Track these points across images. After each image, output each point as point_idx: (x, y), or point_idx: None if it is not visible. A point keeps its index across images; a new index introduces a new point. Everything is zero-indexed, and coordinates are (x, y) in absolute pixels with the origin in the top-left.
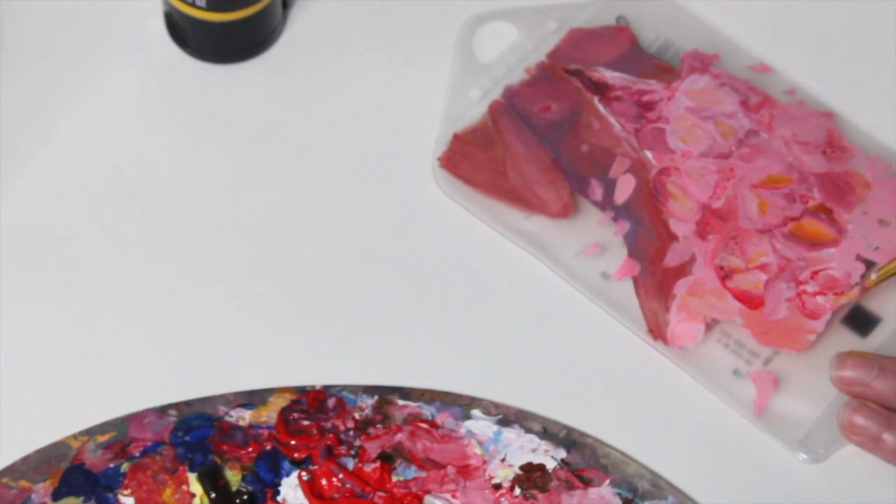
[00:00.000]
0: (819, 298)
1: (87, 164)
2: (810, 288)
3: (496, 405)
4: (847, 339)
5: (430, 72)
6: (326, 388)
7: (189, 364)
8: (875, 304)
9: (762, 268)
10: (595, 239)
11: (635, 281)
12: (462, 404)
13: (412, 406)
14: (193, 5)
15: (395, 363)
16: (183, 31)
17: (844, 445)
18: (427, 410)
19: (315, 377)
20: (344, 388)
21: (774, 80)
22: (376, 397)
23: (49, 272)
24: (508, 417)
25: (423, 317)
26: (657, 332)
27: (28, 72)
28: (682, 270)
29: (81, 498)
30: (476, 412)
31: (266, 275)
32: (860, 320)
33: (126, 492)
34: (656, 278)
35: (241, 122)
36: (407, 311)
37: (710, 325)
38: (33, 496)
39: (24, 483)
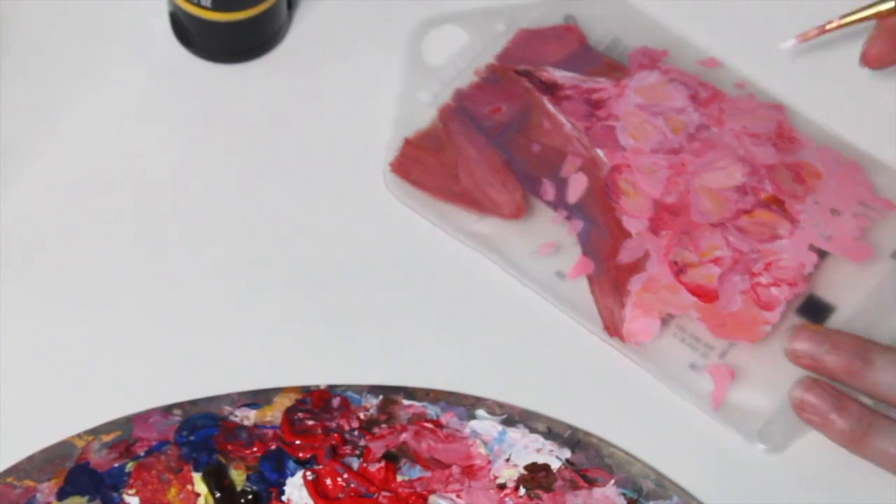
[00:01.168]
0: (773, 289)
1: (90, 163)
2: (764, 279)
3: (500, 405)
4: (801, 323)
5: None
6: (331, 387)
7: (194, 364)
8: (828, 293)
9: (716, 261)
10: (548, 239)
11: (590, 279)
12: (466, 404)
13: (417, 406)
14: (198, 5)
15: (399, 363)
16: (188, 31)
17: (803, 434)
18: (432, 410)
19: (320, 377)
20: (349, 387)
21: (723, 74)
22: (381, 397)
23: (54, 271)
24: (513, 417)
25: (426, 317)
26: (613, 329)
27: (32, 71)
28: (637, 267)
29: (86, 497)
30: (480, 412)
31: (271, 274)
32: (814, 309)
33: (131, 491)
34: (611, 275)
35: (245, 122)
36: (411, 311)
37: (666, 321)
38: (38, 495)
39: (28, 482)
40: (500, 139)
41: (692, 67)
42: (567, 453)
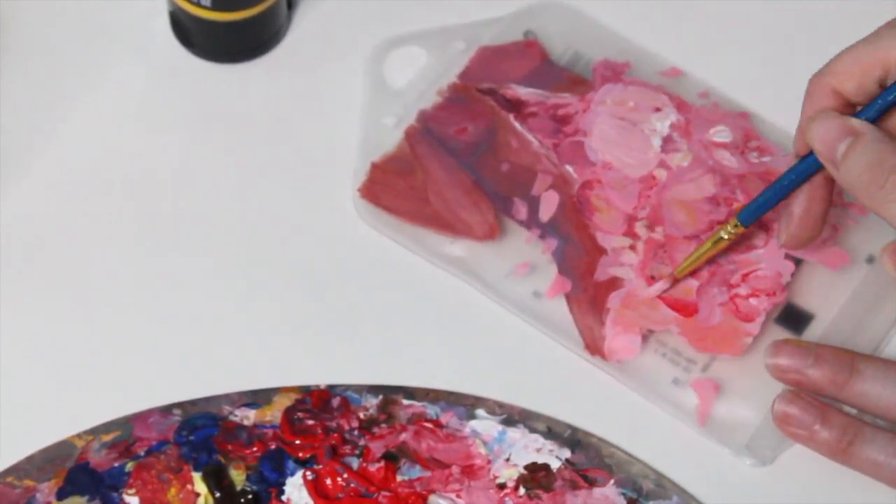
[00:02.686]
0: (752, 300)
1: (90, 163)
2: (742, 291)
3: (500, 405)
4: (782, 338)
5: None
6: (331, 387)
7: (193, 363)
8: (806, 301)
9: (693, 274)
10: (524, 259)
11: (568, 298)
12: (466, 404)
13: (417, 406)
14: (198, 4)
15: (399, 363)
16: (187, 31)
17: (790, 446)
18: (431, 410)
19: (320, 377)
20: (348, 387)
21: (687, 84)
22: (381, 397)
23: (54, 271)
24: (513, 417)
25: (426, 317)
26: (594, 347)
27: (32, 71)
28: (614, 283)
29: (86, 497)
30: (480, 412)
31: (271, 274)
32: (794, 318)
33: (131, 491)
34: (589, 293)
35: (245, 122)
36: (411, 310)
37: (646, 336)
38: (38, 495)
39: (28, 482)
40: (469, 159)
41: (655, 78)
42: (567, 453)
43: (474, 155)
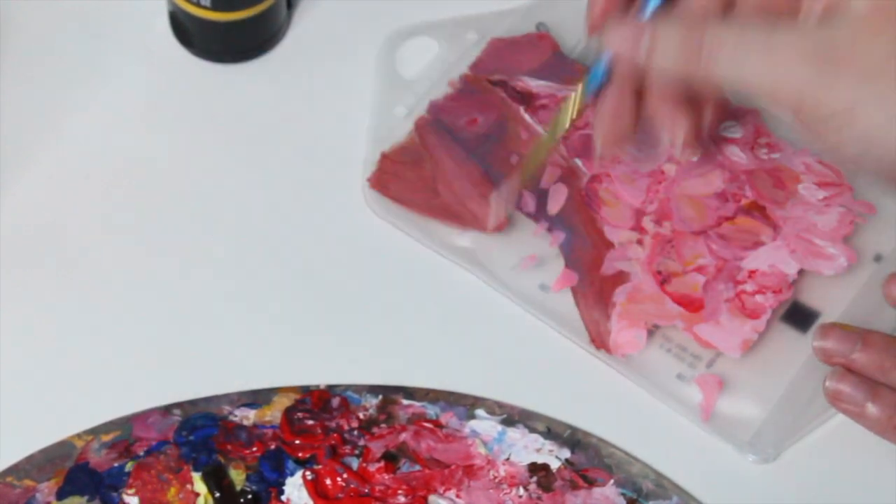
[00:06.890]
0: (758, 297)
1: (90, 164)
2: (749, 287)
3: (500, 405)
4: (788, 336)
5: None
6: (331, 387)
7: (193, 363)
8: (812, 299)
9: (699, 270)
10: (531, 251)
11: (574, 291)
12: (466, 404)
13: (416, 406)
14: (198, 5)
15: (399, 363)
16: (187, 31)
17: (793, 443)
18: (431, 410)
19: (319, 377)
20: (348, 387)
21: None
22: (380, 397)
23: (53, 271)
24: (513, 417)
25: (426, 317)
26: (599, 341)
27: (32, 71)
28: (621, 278)
29: (86, 497)
30: (480, 412)
31: (270, 274)
32: (799, 316)
33: (130, 491)
34: (595, 287)
35: (245, 122)
36: (410, 311)
37: (652, 331)
38: (38, 495)
39: (28, 482)
40: (478, 151)
41: None
42: (567, 453)
43: (484, 146)
